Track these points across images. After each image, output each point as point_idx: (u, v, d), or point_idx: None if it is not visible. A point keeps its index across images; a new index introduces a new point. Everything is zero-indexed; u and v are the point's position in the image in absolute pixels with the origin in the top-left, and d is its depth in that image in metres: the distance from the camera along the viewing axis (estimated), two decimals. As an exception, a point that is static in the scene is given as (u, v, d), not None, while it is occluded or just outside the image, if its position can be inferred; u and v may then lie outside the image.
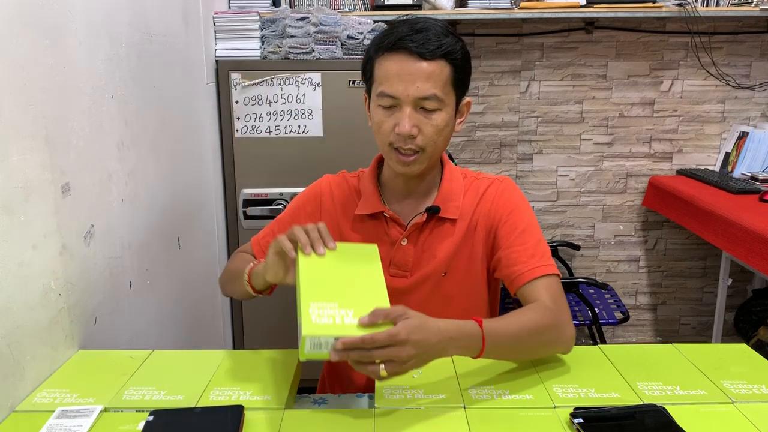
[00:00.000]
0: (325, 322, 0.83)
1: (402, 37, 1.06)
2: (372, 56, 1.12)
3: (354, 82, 2.10)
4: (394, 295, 1.19)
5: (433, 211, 1.17)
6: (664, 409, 0.88)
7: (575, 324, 2.44)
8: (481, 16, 2.47)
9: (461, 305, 1.20)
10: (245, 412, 0.88)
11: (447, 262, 1.18)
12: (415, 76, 1.05)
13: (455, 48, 1.08)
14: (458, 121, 1.16)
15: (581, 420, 0.84)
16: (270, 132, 2.14)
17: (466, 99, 1.16)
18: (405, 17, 1.12)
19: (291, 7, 2.45)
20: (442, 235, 1.18)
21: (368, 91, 1.16)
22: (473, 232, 1.18)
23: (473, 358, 0.95)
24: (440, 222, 1.18)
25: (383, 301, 0.90)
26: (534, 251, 1.12)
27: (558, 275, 1.12)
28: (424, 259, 1.19)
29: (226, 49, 2.12)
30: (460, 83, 1.12)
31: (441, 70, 1.07)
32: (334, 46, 2.10)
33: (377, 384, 0.95)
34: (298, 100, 2.12)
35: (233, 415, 0.87)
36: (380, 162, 1.25)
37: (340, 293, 0.88)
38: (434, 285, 1.19)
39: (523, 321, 1.01)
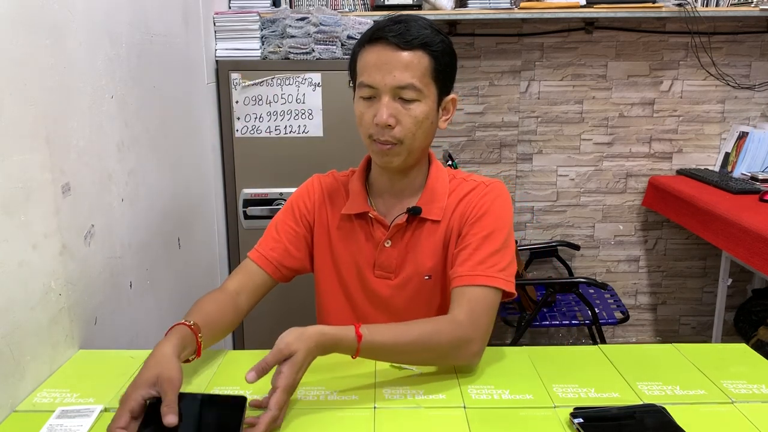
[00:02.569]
0: None
1: (380, 28, 1.06)
2: (356, 52, 1.12)
3: (354, 82, 2.10)
4: (380, 299, 1.19)
5: (414, 212, 1.15)
6: (664, 409, 0.88)
7: (575, 324, 2.44)
8: (481, 16, 2.47)
9: (445, 310, 1.17)
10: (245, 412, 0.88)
11: (429, 264, 1.16)
12: (392, 65, 1.05)
13: (434, 40, 1.07)
14: (443, 118, 1.14)
15: (581, 420, 0.84)
16: (270, 132, 2.14)
17: (451, 96, 1.14)
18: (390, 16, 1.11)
19: (291, 7, 2.46)
20: (424, 236, 1.16)
21: (354, 89, 1.16)
22: (451, 235, 1.15)
23: (353, 357, 0.94)
24: (423, 223, 1.16)
25: None
26: (486, 259, 1.07)
27: (500, 290, 1.06)
28: (408, 260, 1.17)
29: (226, 49, 2.12)
30: (442, 76, 1.10)
31: (419, 60, 1.06)
32: (334, 46, 2.10)
33: (378, 384, 0.96)
34: (298, 100, 2.12)
35: (236, 403, 0.85)
36: (369, 162, 1.24)
37: None
38: (417, 288, 1.17)
39: (411, 331, 0.98)
